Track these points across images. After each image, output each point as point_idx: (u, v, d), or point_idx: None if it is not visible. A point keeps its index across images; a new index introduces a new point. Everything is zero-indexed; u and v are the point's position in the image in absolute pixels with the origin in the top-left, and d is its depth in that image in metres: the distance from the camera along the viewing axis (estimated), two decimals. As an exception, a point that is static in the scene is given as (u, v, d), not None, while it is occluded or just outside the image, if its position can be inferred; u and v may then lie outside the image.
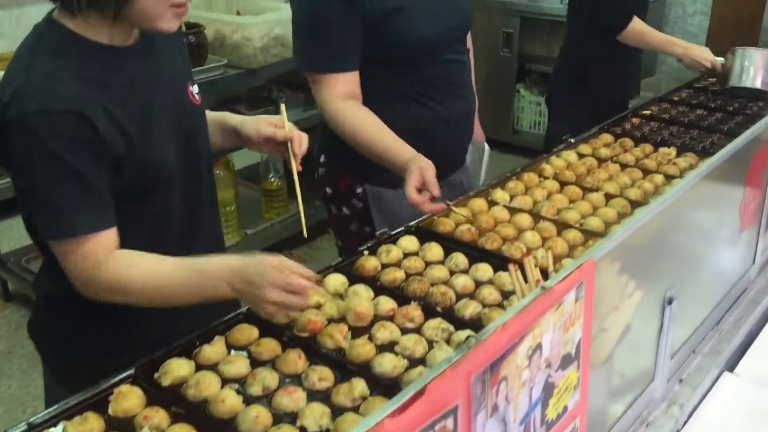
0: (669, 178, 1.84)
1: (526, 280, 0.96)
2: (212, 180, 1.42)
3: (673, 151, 2.02)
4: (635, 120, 2.31)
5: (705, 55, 2.46)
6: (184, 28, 2.82)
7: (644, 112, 2.39)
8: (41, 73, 1.07)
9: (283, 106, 1.45)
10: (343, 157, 1.85)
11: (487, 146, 2.20)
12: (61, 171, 1.06)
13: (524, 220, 1.62)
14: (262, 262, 1.10)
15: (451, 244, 1.53)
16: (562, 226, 1.60)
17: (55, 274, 1.17)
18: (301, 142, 1.39)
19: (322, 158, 1.97)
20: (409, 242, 1.53)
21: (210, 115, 1.46)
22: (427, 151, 1.85)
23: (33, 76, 1.07)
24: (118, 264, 1.12)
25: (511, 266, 0.98)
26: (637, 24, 2.54)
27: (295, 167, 1.39)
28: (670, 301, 0.96)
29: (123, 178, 1.14)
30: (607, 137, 2.14)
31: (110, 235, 1.13)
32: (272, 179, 3.48)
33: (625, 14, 2.54)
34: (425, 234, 1.58)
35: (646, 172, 1.89)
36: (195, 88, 1.35)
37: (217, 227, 1.49)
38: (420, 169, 1.57)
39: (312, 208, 3.59)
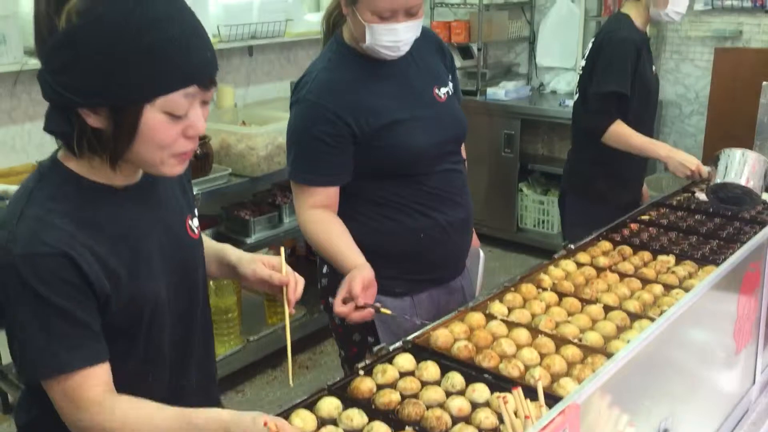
0: (668, 288, 1.83)
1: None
2: (207, 311, 1.41)
3: (671, 259, 2.02)
4: (634, 226, 2.32)
5: (689, 160, 2.47)
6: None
7: (643, 217, 2.40)
8: (32, 218, 1.08)
9: (282, 250, 1.46)
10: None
11: (482, 253, 2.21)
12: (46, 310, 1.06)
13: (522, 335, 1.60)
14: (255, 421, 1.08)
15: (447, 361, 1.51)
16: (560, 342, 1.58)
17: (33, 404, 1.15)
18: (296, 288, 1.39)
19: (325, 269, 1.99)
20: (405, 360, 1.51)
21: (208, 245, 1.46)
22: (427, 258, 1.89)
23: (24, 221, 1.08)
24: (113, 408, 1.10)
25: (500, 399, 0.96)
26: (619, 127, 2.55)
27: (288, 312, 1.39)
28: (665, 433, 0.94)
29: (110, 316, 1.14)
30: (605, 245, 2.14)
31: (101, 372, 1.11)
32: (276, 284, 3.47)
33: (606, 117, 2.56)
34: (422, 351, 1.56)
35: (645, 281, 1.88)
36: (195, 222, 1.35)
37: (210, 355, 1.46)
38: (348, 280, 1.64)
39: (317, 311, 3.59)
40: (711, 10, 4.53)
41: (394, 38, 1.72)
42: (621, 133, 2.56)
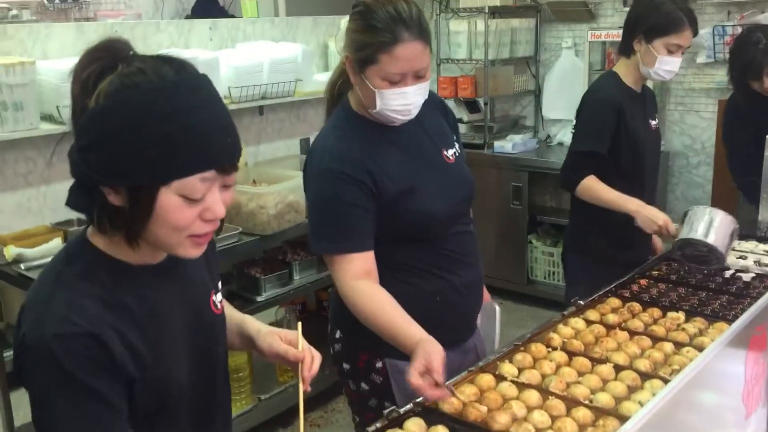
0: (678, 345, 1.83)
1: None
2: (227, 386, 1.41)
3: (681, 315, 2.02)
4: (643, 281, 2.33)
5: (658, 216, 2.43)
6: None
7: (652, 272, 2.41)
8: (62, 300, 1.09)
9: (299, 325, 1.45)
10: (360, 334, 1.82)
11: (497, 306, 2.20)
12: (77, 391, 1.07)
13: (533, 397, 1.60)
14: None
15: (458, 425, 1.51)
16: (571, 403, 1.57)
17: None
18: (312, 365, 1.38)
19: (338, 334, 1.96)
20: (416, 425, 1.50)
21: (230, 317, 1.47)
22: (444, 320, 1.87)
23: (53, 303, 1.09)
24: None
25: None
26: (590, 182, 2.57)
27: (302, 390, 1.37)
28: (676, 504, 0.93)
29: (134, 399, 1.14)
30: (614, 301, 2.14)
31: None
32: (286, 341, 3.47)
33: (578, 172, 2.60)
34: (432, 414, 1.56)
35: (655, 339, 1.87)
36: (218, 297, 1.36)
37: (227, 427, 1.45)
38: (426, 353, 1.57)
39: (328, 369, 3.57)
40: (714, 63, 4.59)
41: (404, 102, 1.73)
42: (591, 187, 2.57)
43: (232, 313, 1.50)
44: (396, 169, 1.80)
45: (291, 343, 1.39)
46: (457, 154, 1.95)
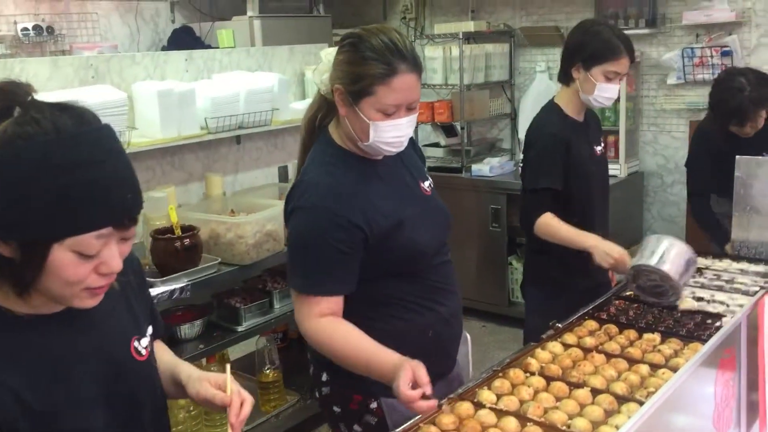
0: (654, 367, 1.85)
1: None
2: (164, 427, 1.38)
3: (657, 337, 2.03)
4: (619, 302, 2.35)
5: (613, 249, 2.41)
6: (179, 232, 2.94)
7: (628, 293, 2.43)
8: None
9: (228, 367, 1.40)
10: (350, 374, 1.80)
11: (468, 335, 2.21)
12: None
13: (511, 424, 1.60)
14: None
15: (437, 455, 1.51)
16: (549, 429, 1.58)
17: None
18: (240, 411, 1.31)
19: (324, 377, 1.92)
20: (397, 454, 1.51)
21: (164, 362, 1.44)
22: (433, 352, 1.85)
23: None
24: None
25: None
26: (546, 219, 2.57)
27: None
28: None
29: None
30: (591, 323, 2.16)
31: None
32: (268, 371, 3.45)
33: (535, 210, 2.59)
34: (412, 444, 1.56)
35: (632, 361, 1.89)
36: (143, 342, 1.32)
37: None
38: (411, 367, 1.57)
39: (308, 398, 3.55)
40: (684, 84, 4.69)
41: (397, 134, 1.72)
42: (548, 224, 2.57)
43: (166, 359, 1.46)
44: (386, 204, 1.78)
45: (220, 387, 1.33)
46: (431, 186, 1.97)
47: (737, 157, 2.92)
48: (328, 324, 1.73)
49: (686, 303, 2.22)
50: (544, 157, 2.64)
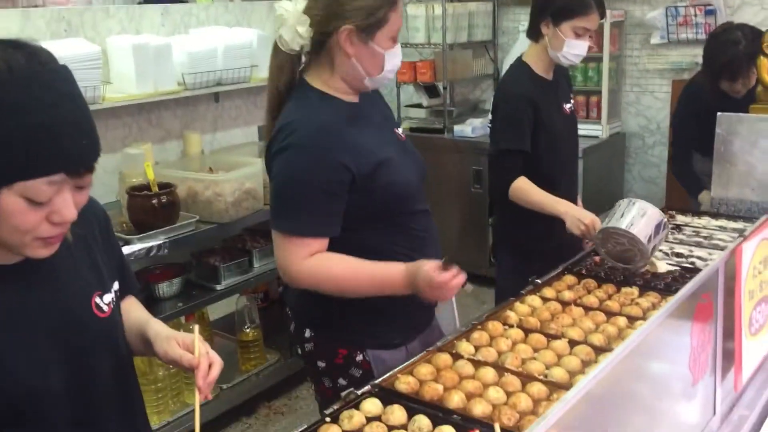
0: (632, 320, 1.85)
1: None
2: (128, 390, 1.35)
3: (635, 290, 2.04)
4: (598, 259, 2.35)
5: (584, 215, 2.39)
6: (156, 189, 2.89)
7: (606, 251, 2.43)
8: None
9: (196, 329, 1.34)
10: (336, 327, 1.82)
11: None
12: None
13: (488, 374, 1.60)
14: None
15: (414, 404, 1.51)
16: (526, 379, 1.58)
17: None
18: (208, 373, 1.27)
19: (307, 333, 1.91)
20: (372, 405, 1.50)
21: (133, 319, 1.40)
22: (419, 303, 1.83)
23: None
24: None
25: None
26: (520, 183, 2.54)
27: (198, 402, 1.26)
28: (623, 470, 0.94)
29: None
30: (570, 278, 2.16)
31: None
32: (248, 330, 3.45)
33: (508, 174, 2.55)
34: (389, 395, 1.55)
35: (609, 314, 1.90)
36: (106, 298, 1.27)
37: (138, 428, 1.39)
38: (428, 261, 1.66)
39: (288, 357, 3.56)
40: (667, 44, 4.66)
41: (398, 60, 1.79)
42: (522, 188, 2.53)
43: (137, 316, 1.42)
44: (369, 143, 1.76)
45: (189, 348, 1.28)
46: (404, 133, 1.96)
47: (719, 114, 2.91)
48: (321, 259, 1.73)
49: (659, 267, 2.18)
50: (511, 117, 2.58)
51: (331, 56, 1.75)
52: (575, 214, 2.40)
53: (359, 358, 1.86)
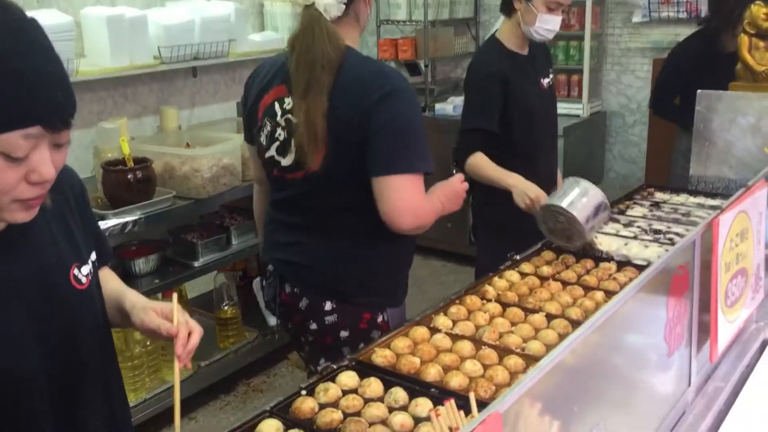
0: (609, 294, 1.85)
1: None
2: (111, 367, 1.33)
3: (613, 265, 2.04)
4: (577, 234, 2.35)
5: (531, 189, 2.36)
6: (131, 164, 2.85)
7: (586, 226, 2.43)
8: None
9: (174, 297, 1.33)
10: (363, 293, 1.90)
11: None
12: None
13: (465, 347, 1.60)
14: None
15: (391, 377, 1.50)
16: (503, 352, 1.58)
17: None
18: (188, 341, 1.26)
19: (328, 306, 1.90)
20: (349, 378, 1.49)
21: (110, 290, 1.37)
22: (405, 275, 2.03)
23: None
24: None
25: (432, 413, 0.95)
26: (475, 158, 2.53)
27: (177, 371, 1.24)
28: (597, 439, 0.94)
29: None
30: (549, 254, 2.16)
31: None
32: (226, 307, 3.42)
33: (466, 149, 2.55)
34: (366, 368, 1.54)
35: (587, 288, 1.90)
36: (84, 270, 1.24)
37: (117, 412, 1.36)
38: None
39: (267, 333, 3.54)
40: (649, 22, 4.65)
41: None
42: (476, 164, 2.53)
43: (113, 287, 1.40)
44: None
45: (167, 316, 1.27)
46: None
47: (699, 91, 2.91)
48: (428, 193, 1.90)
49: (599, 246, 2.17)
50: (477, 96, 2.58)
51: (356, 13, 1.83)
52: (522, 188, 2.38)
53: (380, 319, 1.93)
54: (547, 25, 2.51)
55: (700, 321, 1.34)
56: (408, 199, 1.77)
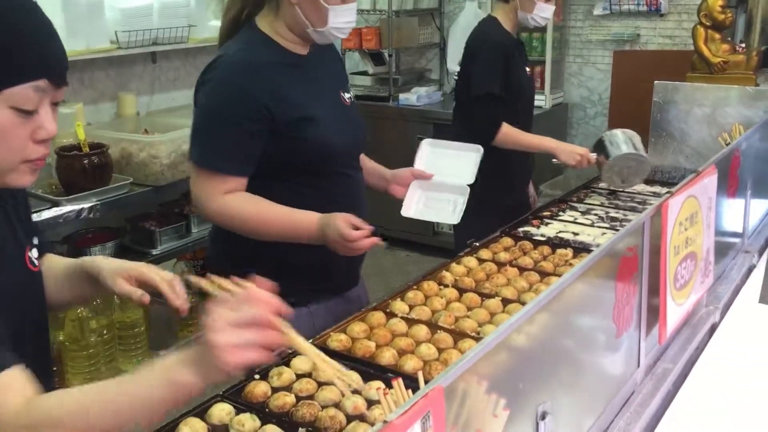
0: (565, 279, 1.87)
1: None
2: (42, 349, 1.28)
3: (569, 252, 2.07)
4: (536, 222, 2.37)
5: (576, 147, 2.58)
6: (87, 149, 2.79)
7: (544, 213, 2.46)
8: None
9: (143, 265, 1.33)
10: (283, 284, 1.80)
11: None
12: None
13: (421, 331, 1.60)
14: None
15: (346, 361, 1.49)
16: (458, 336, 1.59)
17: None
18: (175, 289, 1.29)
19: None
20: (302, 363, 1.48)
21: (62, 266, 1.35)
22: (328, 267, 1.83)
23: None
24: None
25: (380, 391, 0.95)
26: (507, 128, 2.62)
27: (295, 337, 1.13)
28: (543, 416, 0.94)
29: None
30: (507, 241, 2.17)
31: None
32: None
33: (494, 121, 2.62)
34: (321, 352, 1.53)
35: (543, 274, 1.92)
36: (34, 253, 1.22)
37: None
38: (343, 214, 1.63)
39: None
40: (610, 15, 4.70)
41: (350, 19, 1.75)
42: (510, 134, 2.63)
43: (66, 262, 1.37)
44: (298, 96, 1.74)
45: (136, 279, 1.29)
46: (352, 99, 1.93)
47: (655, 82, 2.96)
48: (237, 197, 1.70)
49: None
50: (491, 63, 2.63)
51: (278, 1, 1.75)
52: (566, 148, 2.60)
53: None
54: (544, 12, 2.66)
55: (650, 303, 1.36)
56: (193, 190, 1.75)
